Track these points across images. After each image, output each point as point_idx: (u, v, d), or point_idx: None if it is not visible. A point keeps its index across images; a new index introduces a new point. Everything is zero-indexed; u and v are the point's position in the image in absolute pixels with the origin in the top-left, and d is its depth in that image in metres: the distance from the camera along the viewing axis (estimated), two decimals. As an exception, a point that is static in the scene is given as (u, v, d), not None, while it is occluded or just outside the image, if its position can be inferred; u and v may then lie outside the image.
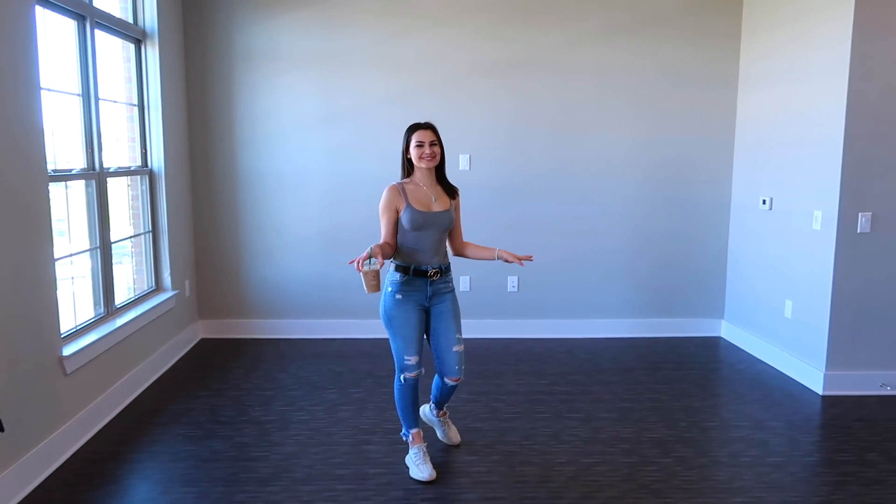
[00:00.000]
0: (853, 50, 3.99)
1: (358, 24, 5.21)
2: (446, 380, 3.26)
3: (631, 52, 5.31)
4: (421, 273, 3.11)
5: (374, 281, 2.90)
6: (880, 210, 4.13)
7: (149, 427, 3.77)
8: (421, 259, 3.13)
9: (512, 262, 3.23)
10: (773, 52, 4.85)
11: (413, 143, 3.09)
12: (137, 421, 3.86)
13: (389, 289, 3.13)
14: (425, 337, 3.26)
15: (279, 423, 3.83)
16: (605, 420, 3.88)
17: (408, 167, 3.18)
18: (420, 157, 3.09)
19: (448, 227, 3.20)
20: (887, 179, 4.11)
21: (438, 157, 3.15)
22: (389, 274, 3.16)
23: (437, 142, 3.14)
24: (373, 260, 2.85)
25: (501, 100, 5.32)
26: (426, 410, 3.63)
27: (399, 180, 3.20)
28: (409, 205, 3.08)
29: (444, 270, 3.21)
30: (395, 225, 3.12)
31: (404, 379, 3.17)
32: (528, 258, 3.24)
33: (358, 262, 2.84)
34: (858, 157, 4.08)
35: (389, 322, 3.13)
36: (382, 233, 3.11)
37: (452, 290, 3.28)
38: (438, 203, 3.16)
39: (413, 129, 3.13)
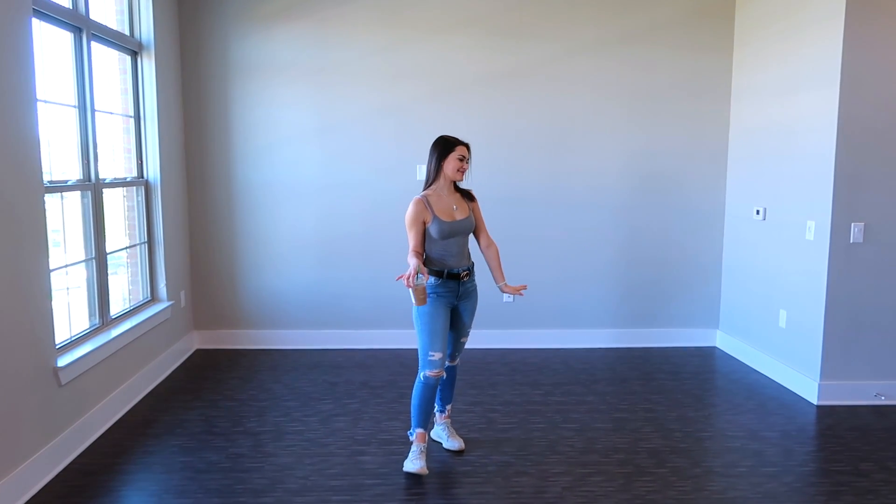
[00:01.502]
0: (843, 62, 4.03)
1: (352, 37, 5.25)
2: (450, 363, 3.53)
3: (625, 64, 5.35)
4: (454, 276, 3.32)
5: (423, 294, 3.17)
6: (873, 220, 4.16)
7: (143, 438, 3.76)
8: (451, 263, 3.33)
9: (508, 294, 3.47)
10: (765, 65, 4.89)
11: (455, 156, 3.31)
12: (132, 432, 3.85)
13: (428, 291, 3.27)
14: None
15: (274, 433, 3.82)
16: (601, 430, 3.88)
17: (433, 177, 3.35)
18: (458, 171, 3.32)
19: (470, 231, 3.43)
20: (879, 190, 4.14)
21: None
22: (421, 278, 3.24)
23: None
24: (420, 276, 3.13)
25: (496, 111, 5.35)
26: (436, 428, 3.70)
27: (421, 192, 3.34)
28: (435, 216, 3.26)
29: (472, 270, 3.46)
30: (423, 235, 3.30)
31: (425, 377, 3.27)
32: (524, 287, 3.44)
33: (407, 279, 3.03)
34: (850, 168, 4.12)
35: (420, 317, 3.27)
36: (411, 243, 3.27)
37: (475, 287, 3.51)
38: (460, 210, 3.36)
39: (452, 143, 3.34)
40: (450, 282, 3.31)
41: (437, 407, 3.65)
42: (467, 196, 3.48)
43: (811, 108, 4.33)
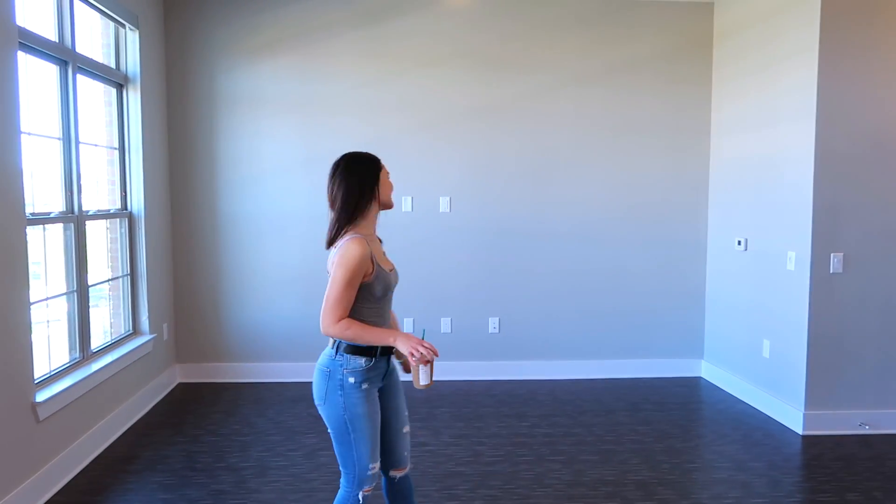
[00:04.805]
0: (819, 96, 4.13)
1: (338, 70, 5.30)
2: (393, 473, 2.52)
3: (607, 97, 5.44)
4: (387, 351, 2.42)
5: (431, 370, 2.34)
6: (851, 251, 4.22)
7: (123, 475, 3.68)
8: None
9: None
10: (744, 98, 5.00)
11: (386, 176, 2.50)
12: (111, 469, 3.77)
13: (351, 380, 2.33)
14: None
15: (257, 469, 3.75)
16: (588, 463, 3.86)
17: (365, 207, 2.41)
18: (390, 192, 2.50)
19: None
20: (857, 221, 4.21)
21: None
22: (339, 360, 2.35)
23: None
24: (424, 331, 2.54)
25: (480, 143, 5.41)
26: None
27: (343, 226, 2.39)
28: (378, 266, 2.36)
29: None
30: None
31: (363, 497, 2.38)
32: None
33: (427, 350, 2.26)
34: (828, 199, 4.19)
35: (353, 424, 2.33)
36: (344, 306, 2.28)
37: None
38: (386, 255, 2.55)
39: (376, 161, 2.47)
40: (381, 360, 2.39)
41: None
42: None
43: (789, 139, 4.42)
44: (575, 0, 5.37)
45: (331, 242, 2.41)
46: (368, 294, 2.34)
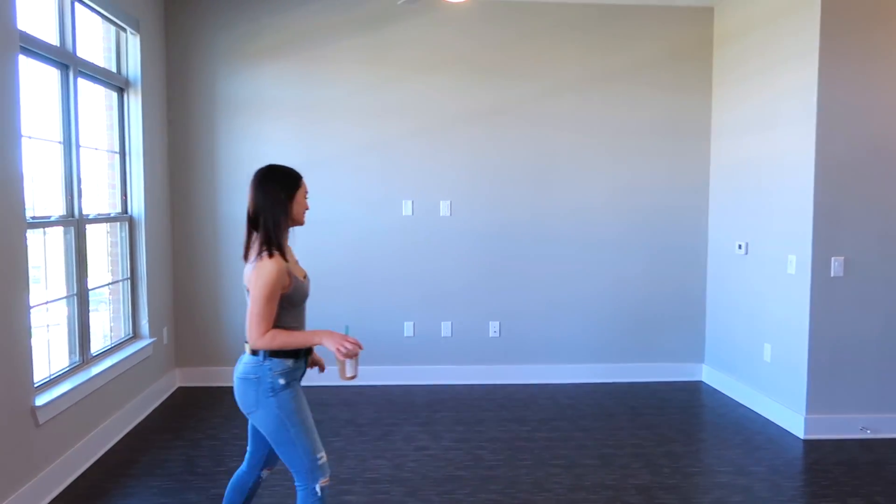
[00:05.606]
0: (819, 100, 4.13)
1: (339, 75, 5.31)
2: (266, 472, 2.66)
3: (607, 102, 5.45)
4: (308, 352, 2.55)
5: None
6: (851, 254, 4.22)
7: (123, 479, 3.67)
8: None
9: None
10: (744, 102, 5.00)
11: (302, 195, 2.56)
12: (111, 473, 3.76)
13: (281, 381, 2.41)
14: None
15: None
16: (588, 467, 3.85)
17: (281, 221, 2.46)
18: (303, 211, 2.57)
19: None
20: (857, 224, 4.21)
21: None
22: (268, 364, 2.41)
23: None
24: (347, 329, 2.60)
25: (481, 148, 5.41)
26: None
27: (261, 243, 2.43)
28: (294, 276, 2.47)
29: None
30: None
31: (321, 489, 2.43)
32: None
33: (353, 344, 2.38)
34: (828, 203, 4.19)
35: (290, 420, 2.41)
36: (268, 320, 2.36)
37: None
38: (299, 265, 2.66)
39: (298, 176, 2.55)
40: (302, 361, 2.50)
41: None
42: None
43: (789, 144, 4.42)
44: (574, 6, 5.38)
45: (247, 255, 2.48)
46: (288, 304, 2.43)
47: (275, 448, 2.45)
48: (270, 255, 2.38)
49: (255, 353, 2.42)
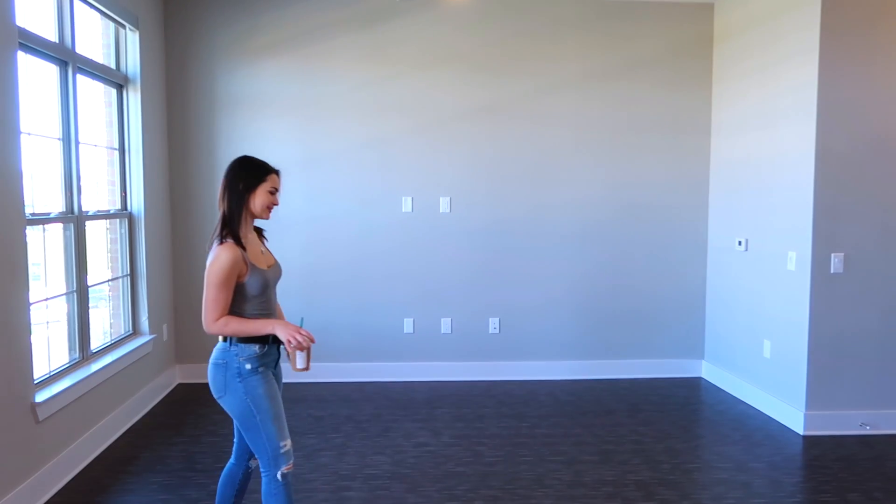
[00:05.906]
0: (819, 96, 4.13)
1: (338, 72, 5.30)
2: (252, 462, 2.72)
3: (606, 99, 5.44)
4: (278, 339, 2.51)
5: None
6: (852, 251, 4.22)
7: (122, 475, 3.68)
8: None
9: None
10: (744, 99, 5.00)
11: (266, 188, 2.58)
12: (111, 469, 3.76)
13: (248, 366, 2.45)
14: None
15: (256, 470, 3.74)
16: (588, 463, 3.85)
17: (237, 212, 2.53)
18: (268, 207, 2.62)
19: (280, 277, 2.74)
20: (857, 221, 4.21)
21: None
22: (234, 350, 2.46)
23: None
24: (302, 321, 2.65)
25: (480, 144, 5.41)
26: None
27: (220, 232, 2.50)
28: (252, 265, 2.49)
29: None
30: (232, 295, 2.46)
31: (283, 477, 2.50)
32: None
33: (305, 337, 2.42)
34: (828, 200, 4.19)
35: (257, 406, 2.45)
36: (221, 306, 2.41)
37: None
38: (267, 253, 2.71)
39: (262, 169, 2.60)
40: (272, 347, 2.54)
41: None
42: (260, 236, 2.78)
43: (789, 140, 4.42)
44: (574, 1, 5.37)
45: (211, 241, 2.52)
46: (245, 292, 2.47)
47: (242, 433, 2.51)
48: (222, 243, 2.44)
49: (224, 338, 2.48)
